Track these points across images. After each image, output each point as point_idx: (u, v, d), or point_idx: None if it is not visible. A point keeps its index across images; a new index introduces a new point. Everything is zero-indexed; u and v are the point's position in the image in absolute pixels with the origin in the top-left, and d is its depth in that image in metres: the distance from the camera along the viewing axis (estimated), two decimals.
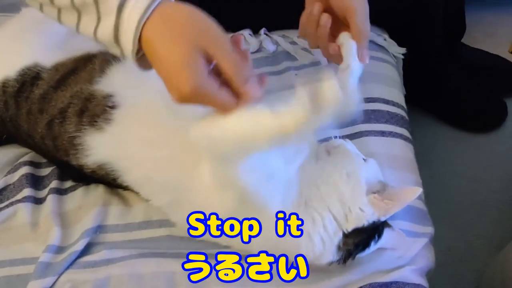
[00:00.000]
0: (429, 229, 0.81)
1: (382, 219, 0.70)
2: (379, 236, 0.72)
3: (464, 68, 1.41)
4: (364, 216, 0.68)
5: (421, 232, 0.79)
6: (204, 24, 0.55)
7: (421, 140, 0.98)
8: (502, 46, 1.54)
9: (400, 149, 0.88)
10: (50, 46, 0.82)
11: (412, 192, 0.71)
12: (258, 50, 1.00)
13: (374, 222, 0.69)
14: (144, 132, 0.73)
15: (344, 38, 0.72)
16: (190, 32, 0.54)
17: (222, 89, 0.55)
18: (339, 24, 0.75)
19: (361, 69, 0.71)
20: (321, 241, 0.68)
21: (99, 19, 0.57)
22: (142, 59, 0.58)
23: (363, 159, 0.74)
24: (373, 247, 0.71)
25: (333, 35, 0.75)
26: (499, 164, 1.37)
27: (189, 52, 0.53)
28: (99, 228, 0.77)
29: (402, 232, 0.76)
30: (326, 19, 0.74)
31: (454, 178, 1.35)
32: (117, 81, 0.77)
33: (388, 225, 0.73)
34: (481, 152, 1.40)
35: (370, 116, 0.89)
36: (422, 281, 0.74)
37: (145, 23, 0.54)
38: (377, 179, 0.73)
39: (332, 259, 0.69)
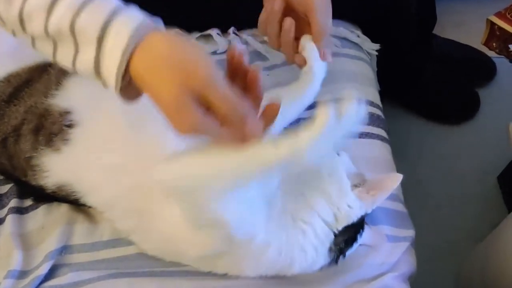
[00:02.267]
0: (411, 232, 0.79)
1: (369, 211, 0.69)
2: (363, 229, 0.70)
3: (435, 59, 1.40)
4: (353, 212, 0.67)
5: (402, 236, 0.78)
6: (191, 62, 0.51)
7: (395, 134, 0.96)
8: (472, 35, 1.54)
9: (377, 151, 0.86)
10: (1, 54, 0.76)
11: (393, 179, 0.69)
12: (227, 51, 0.96)
13: (362, 216, 0.68)
14: (105, 155, 0.68)
15: (305, 41, 0.73)
16: (178, 75, 0.50)
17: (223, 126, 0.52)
18: (301, 22, 0.73)
19: (324, 71, 0.74)
20: (313, 250, 0.66)
21: (77, 50, 0.53)
22: (125, 91, 0.55)
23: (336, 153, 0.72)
24: (359, 240, 0.70)
25: (296, 37, 0.73)
26: (473, 156, 1.37)
27: (181, 97, 0.50)
28: (64, 249, 0.73)
29: (381, 233, 0.75)
30: (289, 23, 0.72)
31: (428, 172, 1.34)
32: (75, 95, 0.71)
33: (366, 222, 0.72)
34: (454, 144, 1.40)
35: None
36: (405, 287, 0.73)
37: (131, 57, 0.51)
38: (353, 171, 0.71)
39: (324, 263, 0.67)
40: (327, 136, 0.53)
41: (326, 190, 0.67)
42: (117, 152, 0.68)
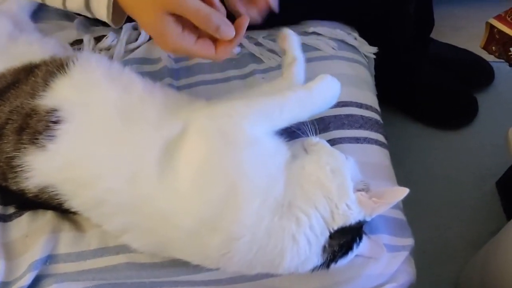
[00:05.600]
0: (409, 241, 0.77)
1: (368, 218, 0.67)
2: (360, 239, 0.68)
3: (433, 64, 1.38)
4: (351, 214, 0.65)
5: (401, 245, 0.75)
6: None
7: (393, 139, 0.94)
8: (472, 40, 1.52)
9: (376, 156, 0.83)
10: None
11: (399, 192, 0.67)
12: None
13: (359, 222, 0.66)
14: (95, 149, 0.66)
15: (287, 32, 0.78)
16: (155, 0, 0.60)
17: (199, 41, 0.64)
18: None
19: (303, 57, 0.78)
20: (307, 243, 0.64)
21: None
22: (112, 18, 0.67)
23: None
24: (355, 250, 0.68)
25: None
26: (471, 162, 1.35)
27: (160, 20, 0.61)
28: (49, 259, 0.70)
29: (380, 242, 0.72)
30: None
31: (426, 177, 1.32)
32: (63, 94, 0.69)
33: (364, 233, 0.70)
34: (452, 149, 1.38)
35: (343, 121, 0.84)
36: None
37: None
38: (358, 177, 0.69)
39: (317, 263, 0.65)
40: None
41: (326, 185, 0.65)
42: (108, 143, 0.66)
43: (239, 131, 0.66)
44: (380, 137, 0.86)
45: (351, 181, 0.67)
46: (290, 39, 0.78)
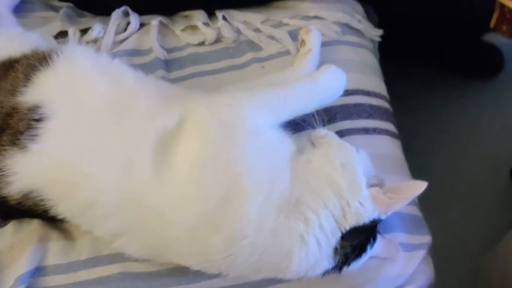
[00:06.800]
0: (427, 238, 0.72)
1: (383, 216, 0.62)
2: (374, 239, 0.63)
3: None
4: (364, 212, 0.60)
5: (417, 244, 0.71)
6: None
7: (401, 129, 0.88)
8: None
9: (387, 148, 0.77)
10: None
11: (417, 187, 0.61)
12: (216, 41, 0.87)
13: (374, 220, 0.60)
14: (83, 146, 0.61)
15: (312, 27, 0.80)
16: None
17: None
18: None
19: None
20: (316, 244, 0.59)
21: None
22: None
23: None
24: (369, 252, 0.63)
25: None
26: (484, 150, 1.29)
27: None
28: (37, 271, 0.66)
29: (395, 241, 0.67)
30: None
31: (439, 171, 1.25)
32: (47, 90, 0.64)
33: (378, 232, 0.65)
34: (464, 139, 1.31)
35: (350, 111, 0.78)
36: None
37: None
38: (371, 172, 0.64)
39: (327, 267, 0.60)
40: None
41: (336, 180, 0.60)
42: (98, 139, 0.61)
43: (240, 122, 0.61)
44: (390, 127, 0.80)
45: (364, 176, 0.61)
46: (314, 33, 0.79)
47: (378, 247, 0.64)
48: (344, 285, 0.64)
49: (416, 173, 0.76)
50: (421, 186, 0.60)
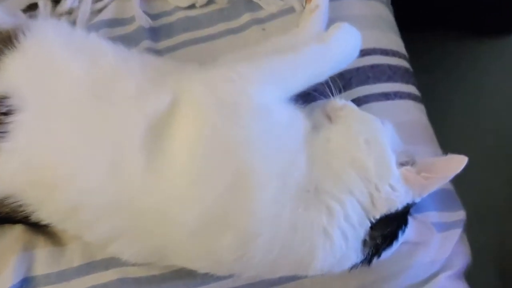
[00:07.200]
0: (461, 214, 0.65)
1: (417, 200, 0.54)
2: (406, 224, 0.55)
3: None
4: (397, 197, 0.52)
5: (452, 221, 0.63)
6: None
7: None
8: None
9: (411, 114, 0.69)
10: None
11: (456, 163, 0.53)
12: (208, 2, 0.76)
13: (407, 205, 0.53)
14: (62, 141, 0.53)
15: None
16: None
17: None
18: None
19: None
20: (342, 237, 0.52)
21: None
22: None
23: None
24: (400, 239, 0.55)
25: None
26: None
27: None
28: (25, 283, 0.59)
29: (427, 222, 0.60)
30: None
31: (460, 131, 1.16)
32: (14, 76, 0.55)
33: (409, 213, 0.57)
34: (483, 97, 1.21)
35: (367, 74, 0.68)
36: (462, 287, 0.60)
37: None
38: (400, 146, 0.56)
39: (355, 260, 0.53)
40: None
41: (361, 161, 0.52)
42: (80, 130, 0.53)
43: (244, 99, 0.53)
44: (412, 89, 0.71)
45: (393, 154, 0.53)
46: None
47: (409, 231, 0.56)
48: (373, 277, 0.57)
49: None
50: (461, 161, 0.52)
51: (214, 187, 0.50)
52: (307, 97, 0.60)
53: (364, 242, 0.52)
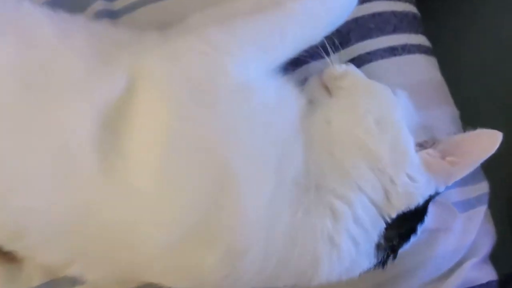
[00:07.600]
0: (484, 187, 0.56)
1: (441, 189, 0.46)
2: (426, 214, 0.47)
3: None
4: (417, 189, 0.44)
5: (475, 197, 0.55)
6: None
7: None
8: None
9: (424, 71, 0.57)
10: None
11: (489, 139, 0.44)
12: None
13: (430, 197, 0.45)
14: None
15: None
16: None
17: None
18: None
19: None
20: (351, 243, 0.44)
21: None
22: None
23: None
24: (418, 232, 0.47)
25: None
26: None
27: None
28: None
29: (448, 203, 0.50)
30: None
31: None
32: None
33: None
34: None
35: (368, 25, 0.57)
36: (489, 273, 0.53)
37: None
38: (417, 122, 0.47)
39: (368, 265, 0.45)
40: None
41: (371, 147, 0.43)
42: (12, 138, 0.43)
43: (220, 78, 0.43)
44: (422, 40, 0.60)
45: (411, 135, 0.43)
46: None
47: (428, 218, 0.47)
48: (389, 274, 0.49)
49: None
50: (494, 138, 0.43)
51: (189, 192, 0.40)
52: (296, 61, 0.49)
53: (379, 246, 0.43)
